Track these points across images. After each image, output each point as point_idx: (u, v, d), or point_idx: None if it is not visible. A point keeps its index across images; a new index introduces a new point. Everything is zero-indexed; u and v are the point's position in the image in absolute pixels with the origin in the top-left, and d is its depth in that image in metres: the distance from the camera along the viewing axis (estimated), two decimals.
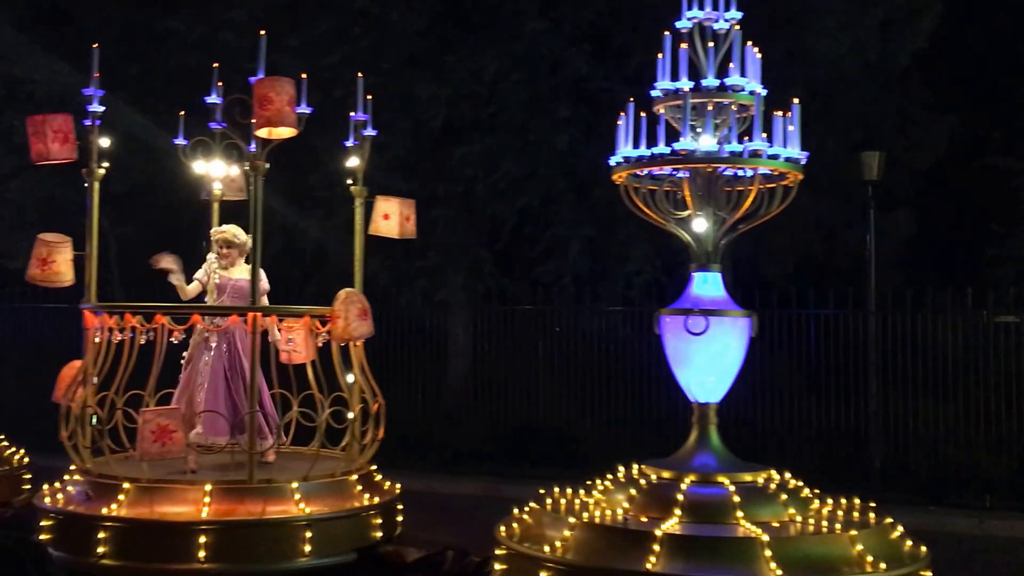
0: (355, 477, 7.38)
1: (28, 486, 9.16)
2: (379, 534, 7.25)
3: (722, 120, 6.29)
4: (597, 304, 12.48)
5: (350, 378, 7.70)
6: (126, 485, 6.76)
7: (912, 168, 14.63)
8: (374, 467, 7.79)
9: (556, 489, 6.66)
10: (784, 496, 6.03)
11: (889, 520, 6.01)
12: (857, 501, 6.36)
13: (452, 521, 9.04)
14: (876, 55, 13.32)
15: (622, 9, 13.21)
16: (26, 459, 9.25)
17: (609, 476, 6.67)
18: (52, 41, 13.67)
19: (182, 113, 8.58)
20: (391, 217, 8.25)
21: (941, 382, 10.76)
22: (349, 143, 8.21)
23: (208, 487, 6.69)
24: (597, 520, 5.87)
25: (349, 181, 8.22)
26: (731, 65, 6.44)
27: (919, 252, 14.66)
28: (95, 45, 7.44)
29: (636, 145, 6.48)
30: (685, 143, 6.04)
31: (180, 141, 8.42)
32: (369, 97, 8.00)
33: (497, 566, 6.25)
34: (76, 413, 7.13)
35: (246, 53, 12.73)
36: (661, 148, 6.14)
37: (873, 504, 6.28)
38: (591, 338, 12.35)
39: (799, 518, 5.92)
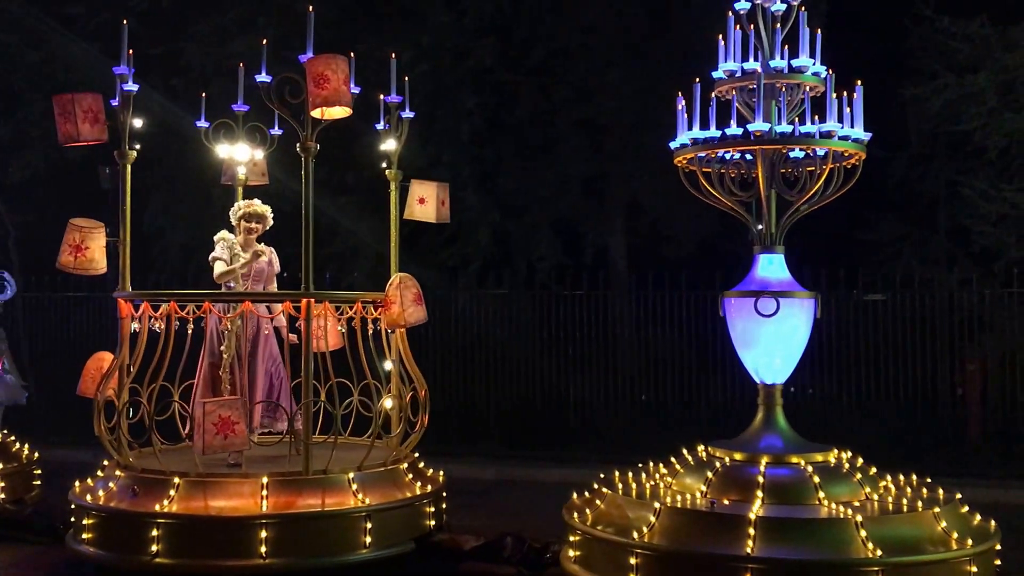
0: (405, 466, 7.25)
1: (38, 482, 8.88)
2: (432, 522, 7.14)
3: (789, 101, 6.24)
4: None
5: (387, 365, 7.55)
6: (176, 480, 6.53)
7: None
8: (416, 455, 7.67)
9: (616, 473, 6.64)
10: (858, 475, 6.07)
11: (958, 496, 6.09)
12: (915, 477, 6.43)
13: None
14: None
15: (524, 2, 13.56)
16: (36, 454, 8.94)
17: (672, 459, 6.66)
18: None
19: (203, 94, 8.33)
20: (427, 201, 8.09)
21: (818, 356, 11.47)
22: (381, 126, 8.02)
23: (264, 480, 6.49)
24: (680, 504, 5.83)
25: (384, 165, 8.04)
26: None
27: (800, 236, 15.39)
28: (124, 22, 7.14)
29: (689, 128, 6.43)
30: (759, 124, 6.00)
31: (202, 124, 8.18)
32: (406, 79, 7.80)
33: (571, 552, 6.19)
34: (117, 407, 6.86)
35: (151, 40, 12.89)
36: (734, 129, 6.09)
37: (929, 480, 6.38)
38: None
39: (875, 496, 5.97)
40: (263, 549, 6.28)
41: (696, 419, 12.00)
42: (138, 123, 7.14)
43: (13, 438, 8.90)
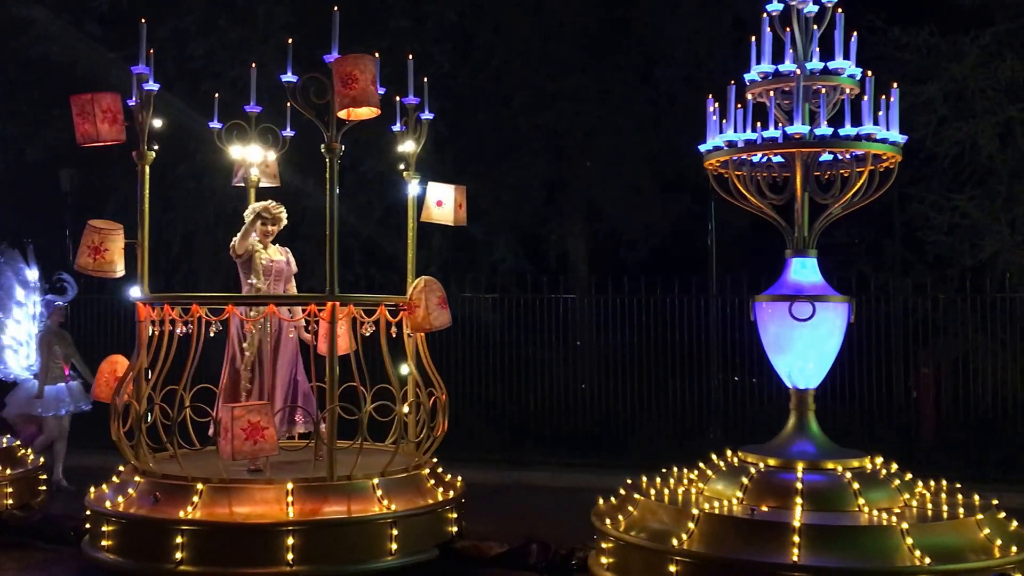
0: (427, 471, 7.14)
1: (44, 487, 8.71)
2: (454, 529, 7.04)
3: (821, 103, 6.19)
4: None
5: (404, 369, 7.44)
6: (199, 486, 6.39)
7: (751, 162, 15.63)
8: (435, 460, 7.56)
9: (644, 478, 6.57)
10: (896, 481, 6.03)
11: (995, 501, 6.04)
12: (945, 483, 6.39)
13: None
14: (726, 59, 14.15)
15: (484, 9, 13.60)
16: (41, 460, 8.77)
17: (702, 464, 6.59)
18: None
19: (216, 95, 8.20)
20: (444, 204, 7.98)
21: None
22: (397, 127, 7.92)
23: (290, 486, 6.37)
24: (717, 511, 5.75)
25: (401, 166, 7.94)
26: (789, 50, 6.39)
27: (758, 240, 15.37)
28: (142, 21, 7.00)
29: (721, 131, 6.38)
30: (798, 126, 5.95)
31: (215, 125, 8.05)
32: (425, 80, 7.71)
33: (603, 559, 6.11)
34: (138, 411, 6.71)
35: (112, 44, 12.80)
36: (772, 132, 6.04)
37: (959, 484, 6.34)
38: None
39: (914, 503, 5.92)
40: (290, 557, 6.16)
41: (662, 422, 12.21)
42: (158, 123, 7.00)
43: (19, 442, 8.72)
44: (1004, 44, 12.23)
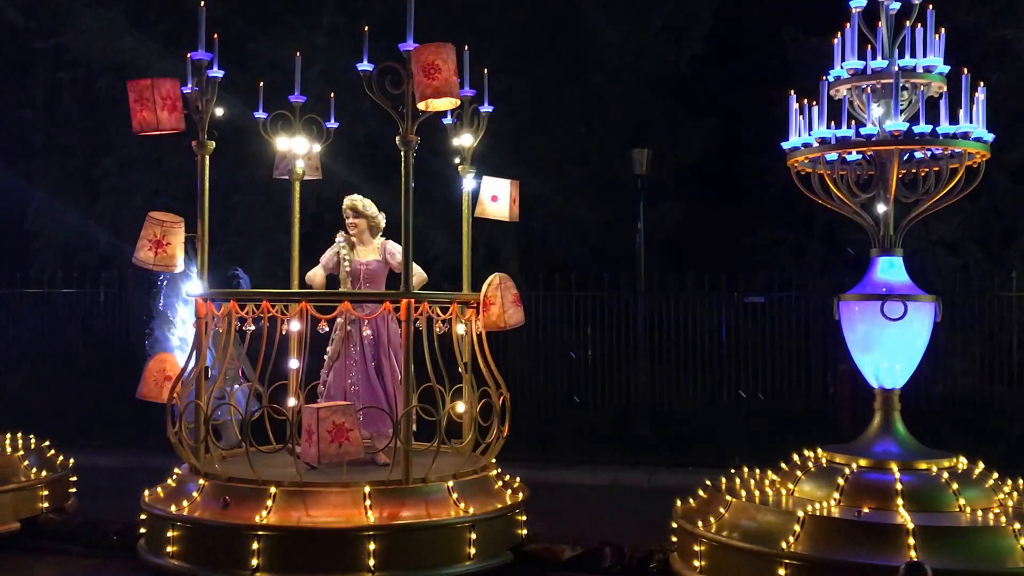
0: (494, 473, 6.97)
1: (73, 489, 8.36)
2: (524, 531, 6.88)
3: (911, 101, 6.14)
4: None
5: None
6: (272, 489, 6.15)
7: (679, 164, 16.30)
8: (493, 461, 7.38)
9: (723, 480, 6.48)
10: (990, 480, 6.00)
11: None
12: (1021, 482, 6.37)
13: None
14: (655, 62, 15.03)
15: (416, 6, 13.43)
16: (71, 462, 8.42)
17: (783, 465, 6.52)
18: None
19: (261, 84, 7.94)
20: (499, 199, 7.81)
21: (700, 356, 12.15)
22: (448, 120, 7.73)
23: (367, 489, 6.15)
24: (821, 512, 5.67)
25: (456, 160, 7.75)
26: (870, 46, 6.34)
27: (685, 240, 16.38)
28: (202, 3, 6.73)
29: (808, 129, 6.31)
30: (897, 123, 5.88)
31: (260, 115, 7.80)
32: (485, 71, 7.53)
33: (695, 562, 5.99)
34: (205, 412, 6.45)
35: (33, 34, 12.54)
36: (870, 128, 5.96)
37: None
38: None
39: (1009, 502, 5.89)
40: (371, 562, 5.94)
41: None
42: (219, 112, 6.74)
43: (47, 443, 8.36)
44: None
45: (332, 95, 8.20)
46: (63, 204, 13.73)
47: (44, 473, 7.76)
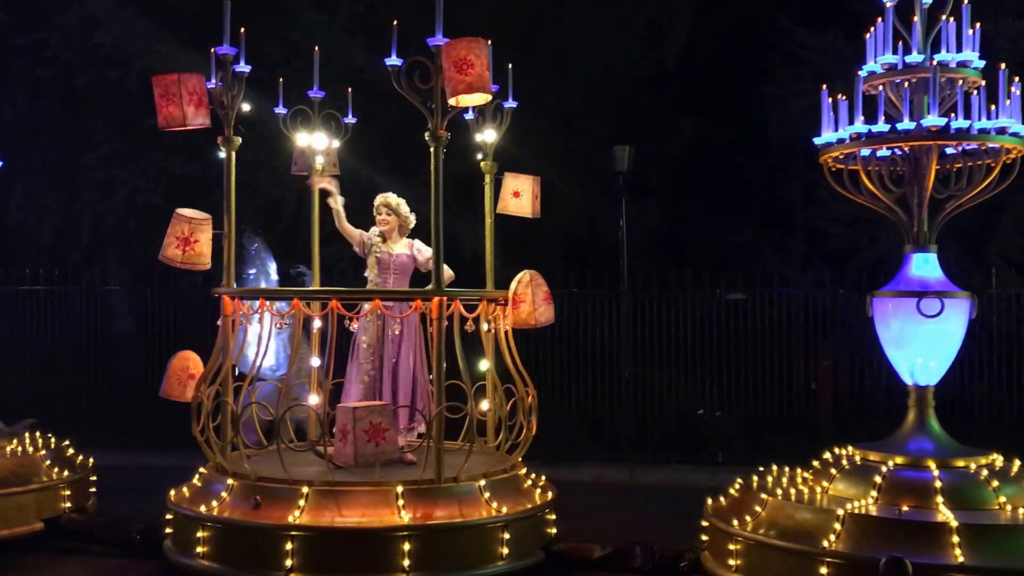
0: (523, 472, 6.93)
1: (93, 489, 8.29)
2: (553, 531, 6.83)
3: (959, 94, 6.10)
4: None
5: (483, 365, 7.19)
6: (304, 489, 6.09)
7: (661, 161, 16.26)
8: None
9: (755, 478, 6.45)
10: None
11: None
12: None
13: None
14: (637, 59, 15.11)
15: (395, 4, 13.41)
16: (90, 461, 8.34)
17: (815, 463, 6.49)
18: None
19: (280, 79, 7.87)
20: (522, 195, 7.78)
21: (683, 353, 12.08)
22: (469, 116, 7.67)
23: (400, 488, 6.10)
24: (861, 510, 5.63)
25: (479, 156, 7.69)
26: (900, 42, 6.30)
27: (668, 237, 16.50)
28: None
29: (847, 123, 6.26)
30: (934, 119, 5.84)
31: (280, 110, 7.73)
32: (510, 65, 7.46)
33: (730, 561, 5.95)
34: (235, 411, 6.39)
35: (12, 30, 12.43)
36: (907, 124, 5.92)
37: None
38: None
39: None
40: (406, 563, 5.89)
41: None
42: (246, 107, 6.66)
43: (67, 443, 8.29)
44: None
45: (350, 90, 8.14)
46: (43, 200, 13.62)
47: (66, 473, 7.69)
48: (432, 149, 6.43)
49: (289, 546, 5.89)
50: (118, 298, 13.37)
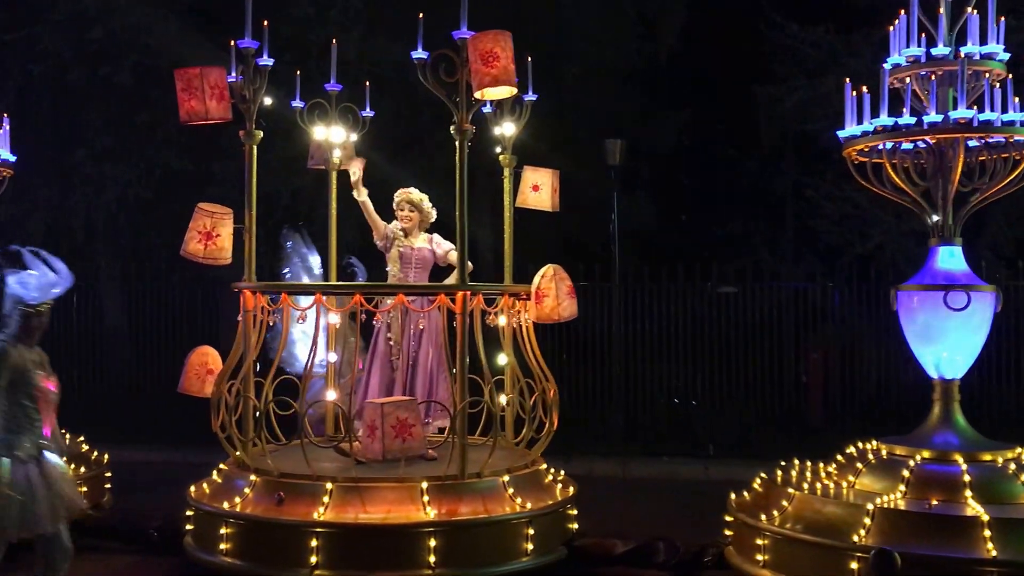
0: (544, 467, 6.90)
1: (108, 485, 8.25)
2: (575, 526, 6.80)
3: (986, 87, 6.08)
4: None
5: (502, 359, 7.14)
6: (328, 485, 6.05)
7: (653, 155, 16.33)
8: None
9: (779, 472, 6.44)
10: None
11: None
12: None
13: None
14: (629, 53, 15.14)
15: None
16: (106, 458, 8.30)
17: (840, 457, 6.47)
18: None
19: (298, 72, 7.82)
20: (541, 189, 7.75)
21: (674, 346, 12.13)
22: (487, 110, 7.63)
23: (424, 484, 6.06)
24: (888, 504, 5.62)
25: (498, 150, 7.65)
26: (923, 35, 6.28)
27: (659, 231, 16.52)
28: None
29: (859, 120, 6.24)
30: (962, 111, 5.81)
31: (297, 104, 7.68)
32: (529, 58, 7.41)
33: (758, 556, 5.93)
34: (258, 406, 6.34)
35: (6, 25, 12.36)
36: (933, 117, 5.90)
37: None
38: None
39: None
40: (431, 559, 5.86)
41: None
42: (268, 101, 6.62)
43: (82, 439, 8.25)
44: None
45: (367, 84, 8.09)
46: (35, 196, 13.57)
47: (82, 470, 7.64)
48: (457, 143, 6.38)
49: (314, 543, 5.85)
50: (110, 293, 13.34)
